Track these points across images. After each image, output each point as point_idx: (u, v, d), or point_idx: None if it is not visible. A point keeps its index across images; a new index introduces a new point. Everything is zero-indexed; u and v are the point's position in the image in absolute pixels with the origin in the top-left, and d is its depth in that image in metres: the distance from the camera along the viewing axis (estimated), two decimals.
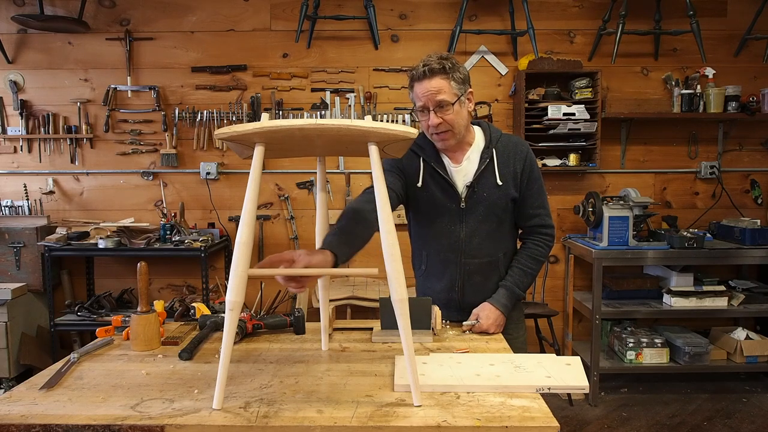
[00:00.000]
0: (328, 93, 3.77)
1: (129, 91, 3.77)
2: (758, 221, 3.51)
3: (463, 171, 1.78)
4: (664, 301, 3.47)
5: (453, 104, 1.66)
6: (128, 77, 3.75)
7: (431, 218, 1.81)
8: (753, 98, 3.55)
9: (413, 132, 1.27)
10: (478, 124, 1.84)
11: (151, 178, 3.82)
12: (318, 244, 1.54)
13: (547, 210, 1.84)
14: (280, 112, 3.73)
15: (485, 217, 1.76)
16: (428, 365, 1.34)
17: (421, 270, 1.89)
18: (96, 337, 1.63)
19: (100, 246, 3.37)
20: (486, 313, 1.71)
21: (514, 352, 1.52)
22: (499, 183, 1.75)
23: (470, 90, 1.73)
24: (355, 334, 1.67)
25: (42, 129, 3.76)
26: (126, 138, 3.79)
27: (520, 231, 1.89)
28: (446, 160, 1.79)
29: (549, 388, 1.22)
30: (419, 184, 1.79)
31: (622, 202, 3.41)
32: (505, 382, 1.22)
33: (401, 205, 1.86)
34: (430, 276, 1.86)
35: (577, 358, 1.36)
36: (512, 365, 1.33)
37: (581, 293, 3.79)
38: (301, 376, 1.31)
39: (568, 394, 3.33)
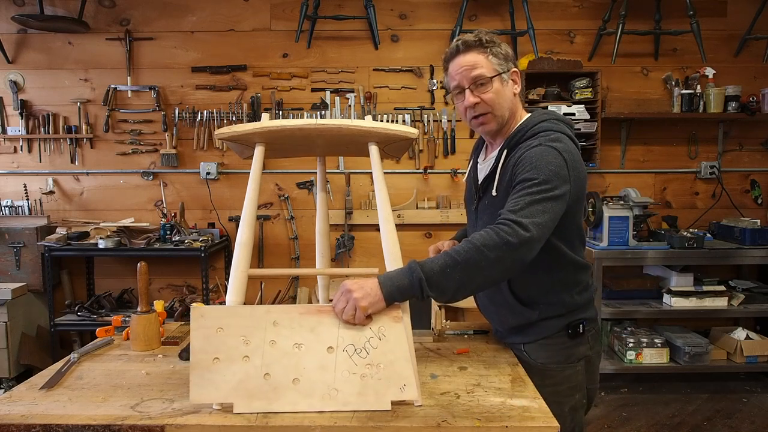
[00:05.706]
0: (328, 93, 3.76)
1: (129, 91, 3.77)
2: (758, 221, 3.51)
3: (484, 168, 1.51)
4: (664, 301, 3.47)
5: (492, 80, 1.39)
6: (128, 77, 3.75)
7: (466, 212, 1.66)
8: (753, 98, 3.55)
9: (413, 132, 1.27)
10: (532, 112, 1.49)
11: (151, 178, 3.82)
12: (318, 245, 1.54)
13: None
14: (280, 112, 3.73)
15: None
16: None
17: None
18: (96, 337, 1.63)
19: (100, 246, 3.37)
20: (351, 286, 1.15)
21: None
22: (494, 194, 1.42)
23: (515, 70, 1.44)
24: None
25: (42, 129, 3.76)
26: (126, 138, 3.79)
27: None
28: (486, 150, 1.56)
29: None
30: (466, 176, 1.63)
31: (622, 202, 3.41)
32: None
33: (399, 205, 1.84)
34: None
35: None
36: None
37: None
38: None
39: None
